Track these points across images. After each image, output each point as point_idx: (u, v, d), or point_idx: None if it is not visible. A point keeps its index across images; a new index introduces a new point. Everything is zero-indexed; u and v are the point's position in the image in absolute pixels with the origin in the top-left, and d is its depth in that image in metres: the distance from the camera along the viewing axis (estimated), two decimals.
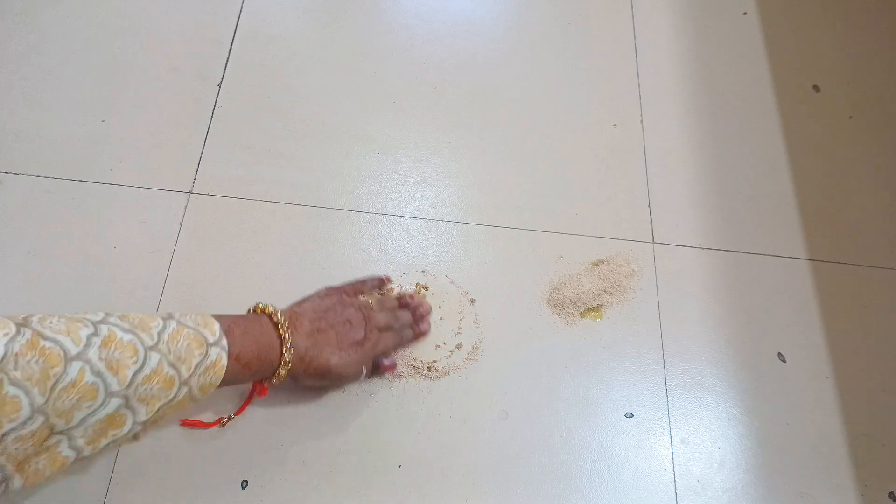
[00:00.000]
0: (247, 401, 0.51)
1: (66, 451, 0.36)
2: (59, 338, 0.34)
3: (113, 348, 0.36)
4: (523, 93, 0.71)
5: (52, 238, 0.57)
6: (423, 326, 0.56)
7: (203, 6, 0.71)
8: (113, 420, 0.37)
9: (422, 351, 0.57)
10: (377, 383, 0.55)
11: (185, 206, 0.60)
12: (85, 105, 0.64)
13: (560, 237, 0.64)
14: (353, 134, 0.66)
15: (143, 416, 0.38)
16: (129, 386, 0.36)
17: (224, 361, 0.41)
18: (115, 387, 0.35)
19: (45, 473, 0.36)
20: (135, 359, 0.36)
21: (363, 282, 0.56)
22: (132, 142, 0.63)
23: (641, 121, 0.71)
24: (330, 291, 0.52)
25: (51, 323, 0.35)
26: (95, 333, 0.36)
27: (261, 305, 0.47)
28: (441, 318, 0.59)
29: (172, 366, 0.38)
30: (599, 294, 0.61)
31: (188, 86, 0.66)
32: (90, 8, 0.69)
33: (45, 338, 0.34)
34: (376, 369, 0.54)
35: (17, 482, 0.35)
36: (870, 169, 0.72)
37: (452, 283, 0.60)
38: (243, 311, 0.52)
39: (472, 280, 0.61)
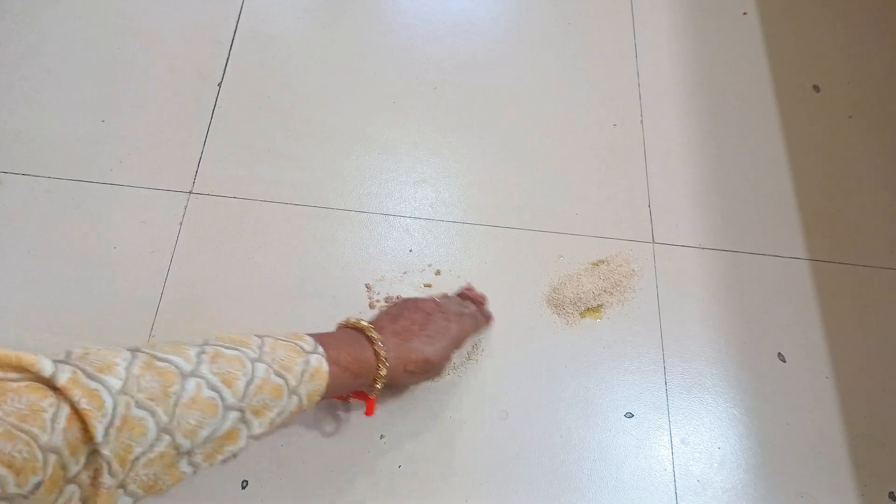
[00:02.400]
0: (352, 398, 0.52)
1: (184, 468, 0.36)
2: (172, 357, 0.35)
3: (222, 363, 0.37)
4: (523, 93, 0.71)
5: (52, 238, 0.57)
6: (488, 311, 0.58)
7: (203, 6, 0.70)
8: (230, 435, 0.37)
9: None
10: None
11: (185, 206, 0.60)
12: (85, 105, 0.64)
13: (560, 237, 0.64)
14: (353, 134, 0.66)
15: (256, 430, 0.38)
16: (242, 398, 0.36)
17: (325, 366, 0.41)
18: (230, 400, 0.36)
19: (163, 489, 0.36)
20: (243, 370, 0.37)
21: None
22: (132, 142, 0.63)
23: (641, 121, 0.71)
24: (394, 301, 0.53)
25: (160, 347, 0.36)
26: (203, 352, 0.37)
27: (344, 321, 0.48)
28: None
29: (279, 375, 0.39)
30: (599, 294, 0.61)
31: (188, 86, 0.66)
32: (90, 8, 0.69)
33: (159, 359, 0.35)
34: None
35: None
36: (870, 169, 0.72)
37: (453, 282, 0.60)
38: (243, 311, 0.52)
39: (473, 280, 0.61)
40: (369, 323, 0.47)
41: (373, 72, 0.70)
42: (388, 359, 0.45)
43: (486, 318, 0.57)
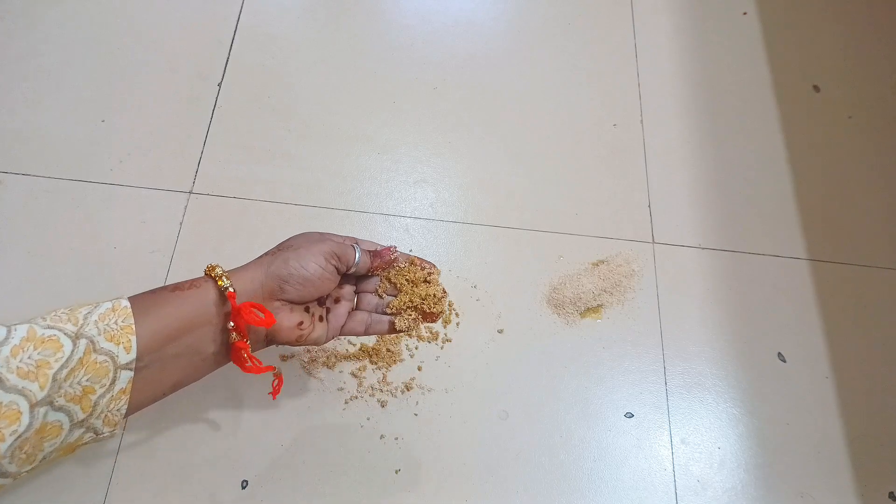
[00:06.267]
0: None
1: None
2: None
3: None
4: (523, 93, 0.71)
5: (52, 238, 0.57)
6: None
7: (203, 6, 0.71)
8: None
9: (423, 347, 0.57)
10: (376, 384, 0.55)
11: (185, 206, 0.60)
12: (85, 105, 0.64)
13: (560, 237, 0.64)
14: (353, 134, 0.66)
15: (39, 394, 0.30)
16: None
17: (125, 302, 0.34)
18: None
19: None
20: None
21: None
22: (132, 142, 0.63)
23: (641, 121, 0.71)
24: None
25: None
26: None
27: None
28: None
29: (50, 328, 0.32)
30: (599, 294, 0.61)
31: (188, 86, 0.66)
32: (90, 8, 0.69)
33: None
34: (375, 263, 0.45)
35: None
36: (870, 169, 0.72)
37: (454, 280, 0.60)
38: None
39: (473, 280, 0.61)
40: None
41: (373, 72, 0.70)
42: (233, 277, 0.38)
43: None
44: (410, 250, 0.61)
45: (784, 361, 0.61)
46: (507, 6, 0.76)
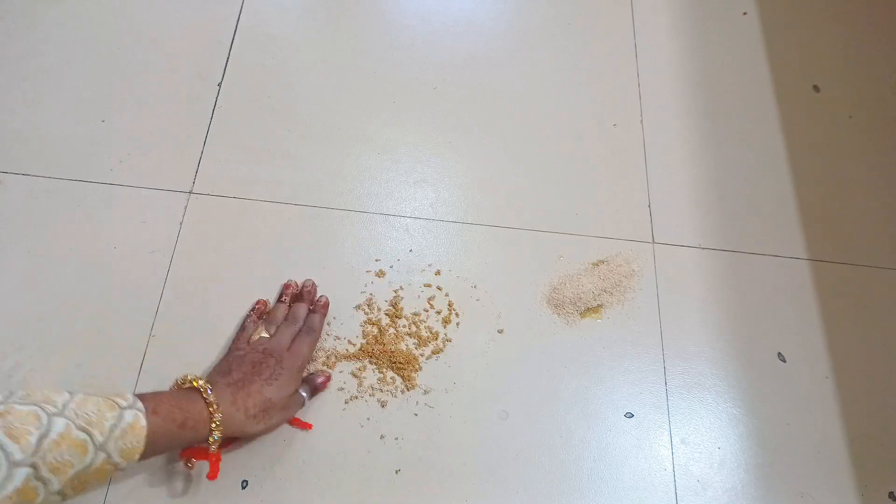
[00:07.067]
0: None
1: None
2: None
3: (11, 419, 0.34)
4: (523, 93, 0.71)
5: (52, 238, 0.57)
6: (322, 299, 0.56)
7: (203, 6, 0.70)
8: (24, 494, 0.34)
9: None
10: (376, 384, 0.55)
11: (185, 206, 0.60)
12: (85, 105, 0.64)
13: (560, 237, 0.64)
14: (353, 134, 0.66)
15: (56, 486, 0.35)
16: (35, 453, 0.34)
17: (143, 422, 0.39)
18: (17, 455, 0.33)
19: None
20: (37, 424, 0.35)
21: (243, 327, 0.54)
22: (132, 142, 0.63)
23: (641, 121, 0.71)
24: (224, 357, 0.52)
25: None
26: None
27: (174, 382, 0.48)
28: (438, 312, 0.59)
29: (83, 430, 0.36)
30: (599, 294, 0.61)
31: (188, 86, 0.66)
32: (90, 8, 0.69)
33: None
34: (314, 391, 0.53)
35: None
36: (870, 169, 0.72)
37: (455, 280, 0.60)
38: (243, 311, 0.52)
39: (473, 280, 0.61)
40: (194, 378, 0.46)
41: (373, 72, 0.70)
42: (222, 405, 0.44)
43: (323, 308, 0.55)
44: (410, 251, 0.61)
45: (784, 361, 0.61)
46: (507, 6, 0.76)
